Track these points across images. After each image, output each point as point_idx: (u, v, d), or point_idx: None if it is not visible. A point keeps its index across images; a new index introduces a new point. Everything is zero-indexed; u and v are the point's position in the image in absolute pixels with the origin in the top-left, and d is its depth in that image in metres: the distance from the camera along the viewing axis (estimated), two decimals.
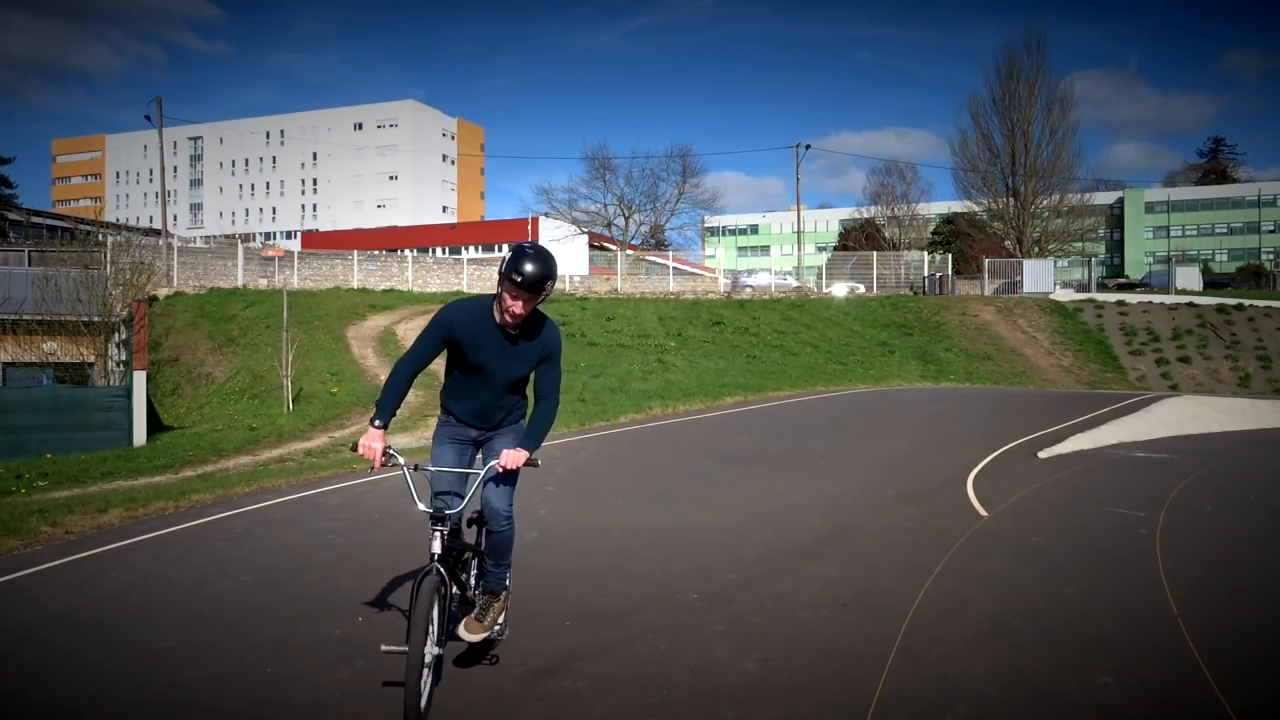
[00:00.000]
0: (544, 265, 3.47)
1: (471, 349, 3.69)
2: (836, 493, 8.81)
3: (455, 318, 3.69)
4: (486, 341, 3.67)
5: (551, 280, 3.52)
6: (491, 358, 3.70)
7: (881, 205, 66.07)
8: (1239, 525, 7.70)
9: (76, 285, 18.44)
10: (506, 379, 3.78)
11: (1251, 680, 4.07)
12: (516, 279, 3.44)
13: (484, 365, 3.72)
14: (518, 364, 3.75)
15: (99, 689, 3.87)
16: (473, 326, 3.67)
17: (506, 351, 3.70)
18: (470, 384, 3.80)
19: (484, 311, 3.67)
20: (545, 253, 3.55)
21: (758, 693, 3.85)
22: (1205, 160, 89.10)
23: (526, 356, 3.74)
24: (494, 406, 3.86)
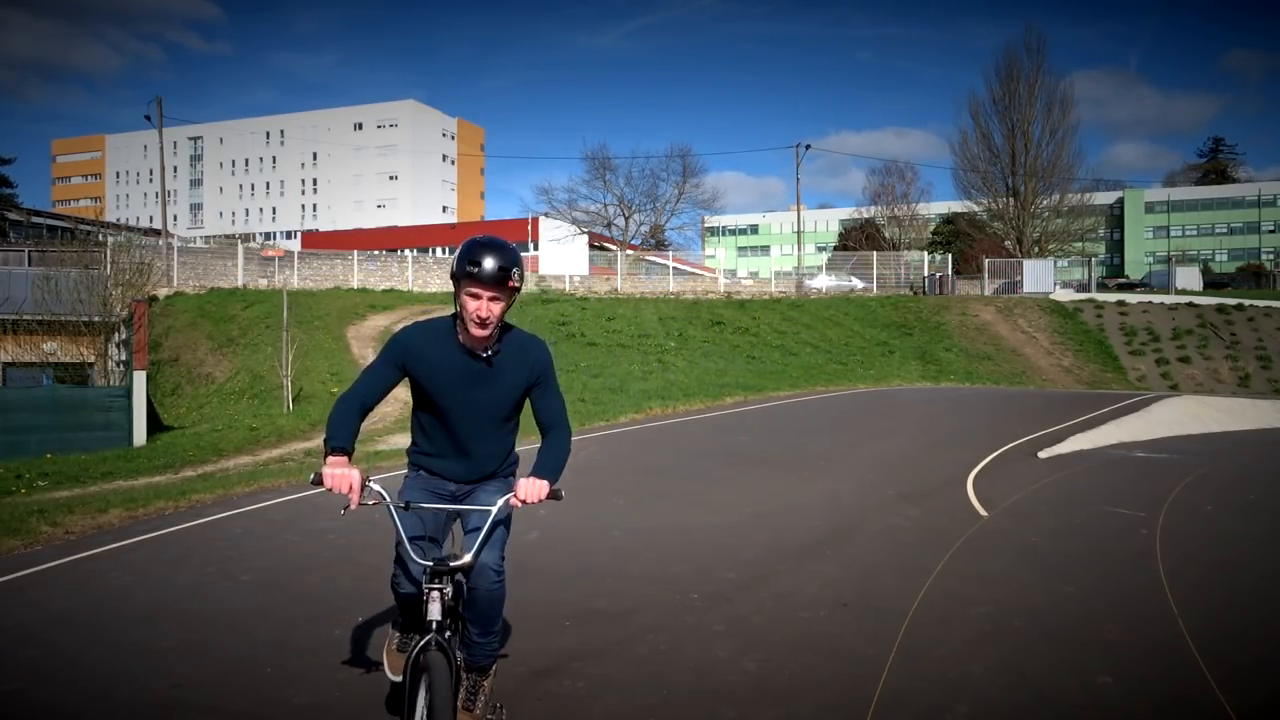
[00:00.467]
0: (503, 251, 2.81)
1: (434, 381, 2.93)
2: (836, 493, 8.81)
3: (411, 339, 2.97)
4: (451, 370, 2.92)
5: (518, 268, 2.82)
6: (461, 389, 2.95)
7: (881, 205, 66.09)
8: (1239, 525, 7.69)
9: (76, 285, 18.45)
10: (485, 415, 3.00)
11: (1251, 680, 4.07)
12: (473, 270, 2.76)
13: (452, 400, 2.96)
14: (496, 394, 2.97)
15: (99, 689, 3.87)
16: (432, 351, 2.93)
17: (480, 379, 2.95)
18: (440, 427, 3.02)
19: (444, 333, 2.94)
20: (500, 239, 2.92)
21: (758, 693, 3.85)
22: (1205, 160, 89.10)
23: (507, 383, 2.97)
24: (474, 455, 3.05)
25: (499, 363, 2.95)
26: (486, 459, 3.08)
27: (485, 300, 2.79)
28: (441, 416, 2.99)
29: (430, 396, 2.96)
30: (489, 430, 3.03)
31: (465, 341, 2.91)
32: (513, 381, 2.98)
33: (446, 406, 2.96)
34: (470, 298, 2.80)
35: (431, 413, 3.01)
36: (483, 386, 2.95)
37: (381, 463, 10.93)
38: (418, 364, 2.93)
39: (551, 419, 3.05)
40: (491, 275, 2.76)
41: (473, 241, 2.83)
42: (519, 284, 2.83)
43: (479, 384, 2.95)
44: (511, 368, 2.96)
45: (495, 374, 2.95)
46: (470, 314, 2.81)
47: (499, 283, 2.77)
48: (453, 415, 2.98)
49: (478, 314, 2.80)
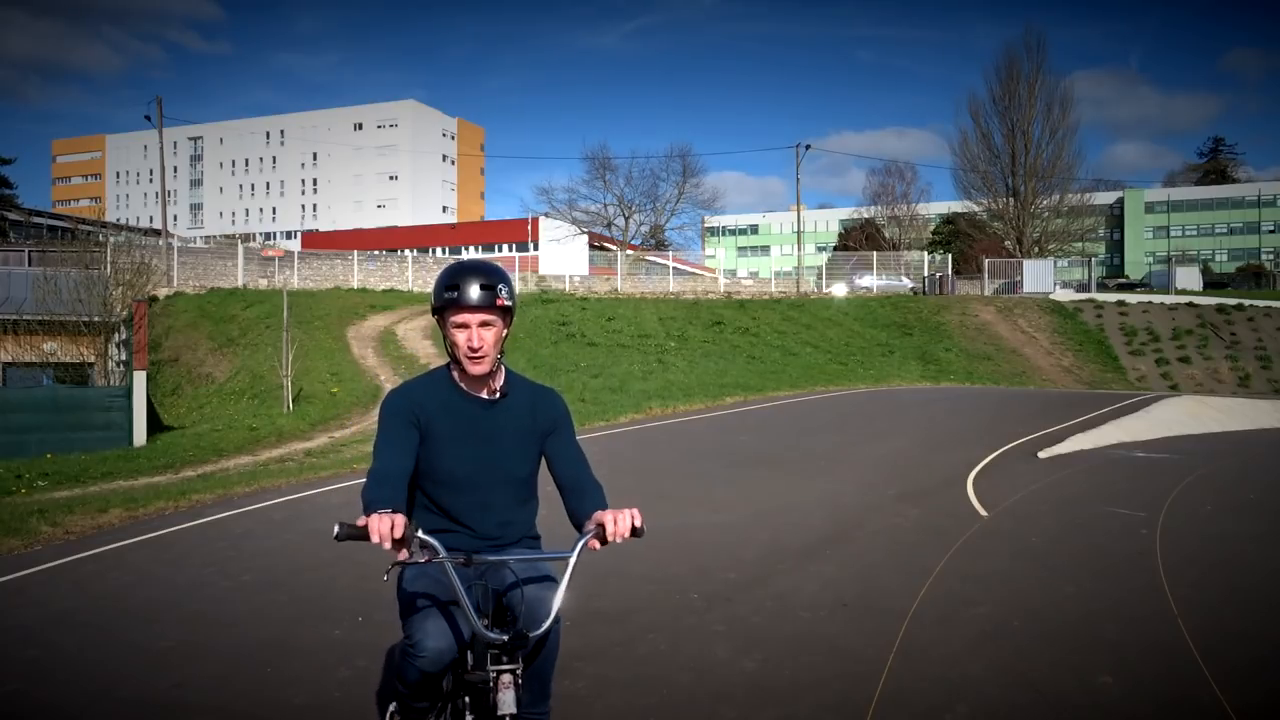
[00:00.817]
0: (483, 269, 2.45)
1: (443, 436, 2.49)
2: (836, 493, 8.81)
3: (407, 390, 2.55)
4: (455, 418, 2.51)
5: (505, 285, 2.45)
6: (469, 440, 2.50)
7: (881, 205, 66.11)
8: (1239, 525, 7.69)
9: (76, 285, 18.44)
10: (499, 471, 2.53)
11: (1251, 680, 4.07)
12: (453, 296, 2.39)
13: (461, 454, 2.50)
14: (510, 441, 2.55)
15: (99, 689, 3.87)
16: (432, 401, 2.51)
17: (489, 425, 2.53)
18: (451, 496, 2.53)
19: (441, 380, 2.56)
20: (479, 260, 2.60)
21: (758, 693, 3.85)
22: (1205, 160, 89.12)
23: (521, 429, 2.56)
24: (491, 523, 2.55)
25: (508, 406, 2.54)
26: (504, 527, 2.57)
27: (475, 328, 2.40)
28: (449, 480, 2.50)
29: (435, 456, 2.48)
30: (505, 491, 2.55)
31: (465, 385, 2.52)
32: (527, 426, 2.56)
33: (453, 465, 2.49)
34: (457, 329, 2.42)
35: (437, 479, 2.51)
36: (493, 433, 2.52)
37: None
38: (426, 416, 2.48)
39: (578, 471, 2.56)
40: (476, 297, 2.38)
41: (448, 267, 2.47)
42: (510, 303, 2.43)
43: (488, 430, 2.52)
44: (523, 412, 2.57)
45: (506, 417, 2.53)
46: (461, 348, 2.42)
47: (486, 304, 2.39)
48: (461, 473, 2.49)
49: (469, 345, 2.41)
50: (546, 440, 2.58)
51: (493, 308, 2.40)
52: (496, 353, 2.47)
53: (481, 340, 2.41)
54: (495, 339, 2.44)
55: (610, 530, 2.28)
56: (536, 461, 2.61)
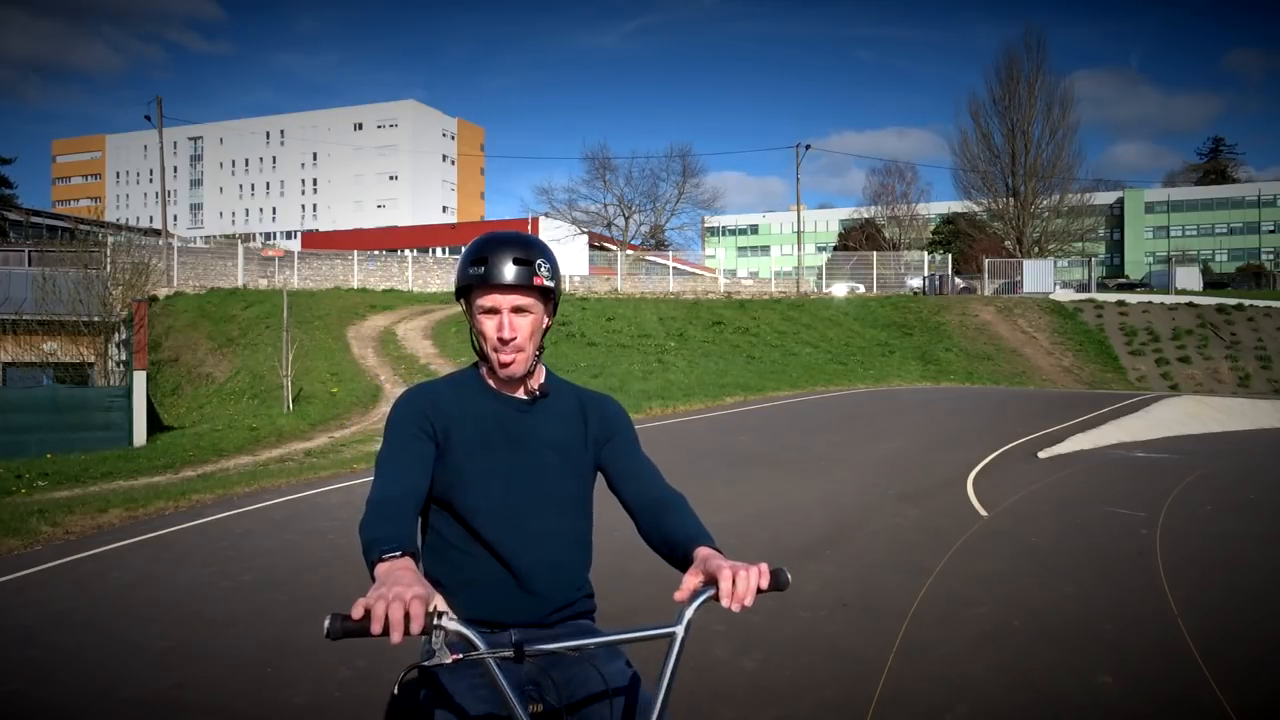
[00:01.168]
0: (520, 241, 1.88)
1: (468, 445, 1.87)
2: (836, 493, 8.81)
3: (423, 390, 1.96)
4: (481, 422, 1.90)
5: (547, 261, 1.88)
6: (507, 451, 1.89)
7: (881, 205, 66.13)
8: (1239, 525, 7.69)
9: (76, 285, 18.44)
10: (546, 490, 1.89)
11: (1251, 680, 4.07)
12: (478, 271, 1.84)
13: (494, 471, 1.86)
14: (557, 456, 1.91)
15: (99, 689, 3.87)
16: (452, 403, 1.91)
17: (530, 435, 1.91)
18: (479, 523, 1.84)
19: (465, 380, 1.98)
20: (515, 231, 2.01)
21: (758, 693, 3.85)
22: (1205, 160, 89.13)
23: (569, 439, 1.94)
24: (535, 570, 1.85)
25: (551, 408, 1.95)
26: (551, 576, 1.85)
27: (506, 313, 1.84)
28: (475, 502, 1.83)
29: (456, 470, 1.85)
30: (550, 516, 1.87)
31: (496, 385, 1.94)
32: (576, 433, 1.95)
33: (481, 479, 1.85)
34: (485, 315, 1.86)
35: (459, 502, 1.84)
36: (531, 440, 1.90)
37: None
38: (447, 421, 1.88)
39: (652, 483, 1.94)
40: (509, 275, 1.82)
41: (477, 239, 1.92)
42: (551, 283, 1.86)
43: (525, 437, 1.90)
44: (570, 415, 1.96)
45: (548, 421, 1.93)
46: (489, 338, 1.86)
47: (521, 283, 1.82)
48: (492, 490, 1.84)
49: (498, 334, 1.84)
50: (603, 450, 1.97)
51: (529, 288, 1.84)
52: (535, 347, 1.90)
53: (514, 329, 1.85)
54: (532, 329, 1.88)
55: (727, 590, 1.53)
56: (590, 479, 1.96)
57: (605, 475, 1.98)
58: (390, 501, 1.72)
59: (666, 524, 1.85)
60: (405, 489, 1.76)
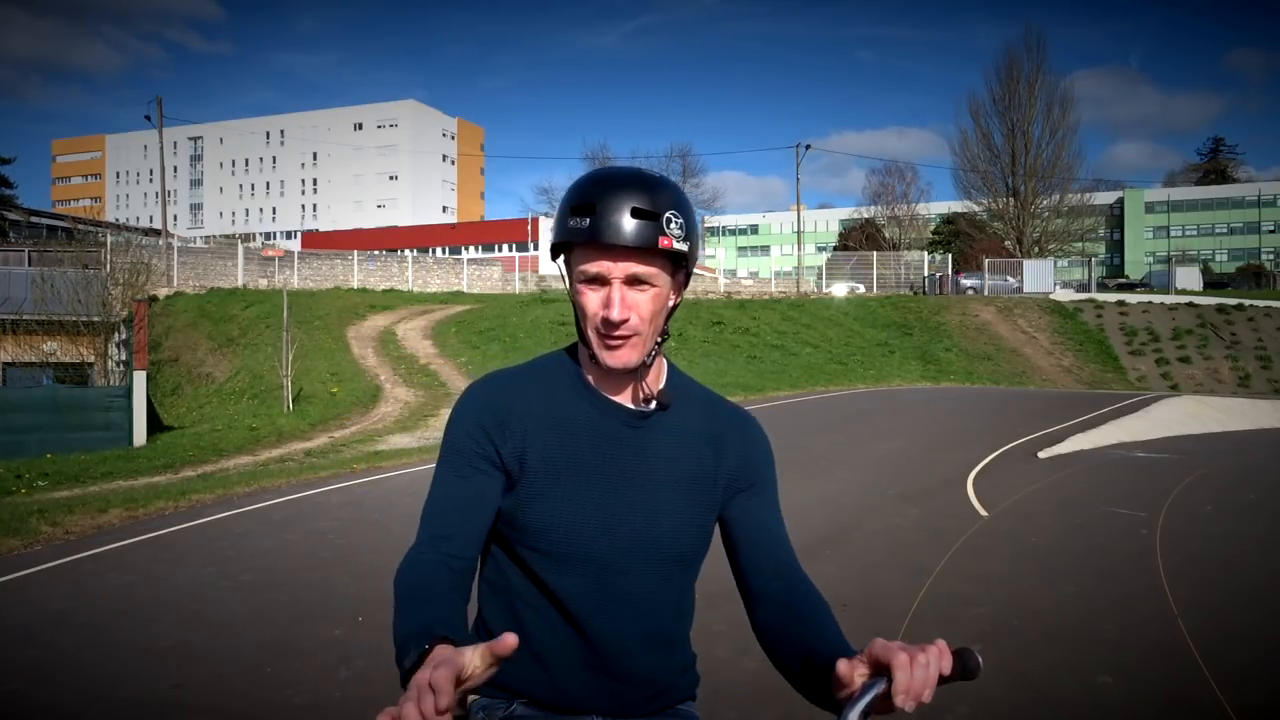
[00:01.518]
0: (640, 182, 1.32)
1: (551, 470, 1.36)
2: (836, 493, 8.81)
3: (500, 394, 1.41)
4: (585, 440, 1.38)
5: (680, 214, 1.31)
6: (605, 482, 1.37)
7: (881, 205, 66.16)
8: (1239, 525, 7.69)
9: (76, 285, 18.45)
10: (652, 541, 1.38)
11: (1251, 680, 4.07)
12: (580, 225, 1.29)
13: (584, 506, 1.35)
14: (673, 496, 1.40)
15: (99, 689, 3.87)
16: (542, 406, 1.39)
17: (639, 463, 1.39)
18: (555, 572, 1.36)
19: (560, 373, 1.44)
20: (633, 169, 1.37)
21: (758, 693, 3.85)
22: (1205, 160, 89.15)
23: (691, 475, 1.42)
24: (626, 644, 1.37)
25: (670, 426, 1.41)
26: (649, 653, 1.39)
27: (617, 285, 1.30)
28: (554, 546, 1.34)
29: (532, 500, 1.34)
30: (653, 575, 1.38)
31: (597, 383, 1.41)
32: (702, 466, 1.41)
33: (564, 518, 1.34)
34: (588, 285, 1.32)
35: (532, 540, 1.35)
36: (640, 470, 1.37)
37: (383, 463, 10.93)
38: (509, 439, 1.36)
39: (787, 558, 1.44)
40: (625, 231, 1.27)
41: (586, 175, 1.36)
42: (685, 245, 1.31)
43: (632, 464, 1.37)
44: (696, 438, 1.42)
45: (665, 445, 1.40)
46: (593, 317, 1.33)
47: (642, 243, 1.27)
48: (578, 533, 1.34)
49: (603, 314, 1.31)
50: (735, 499, 1.44)
51: (653, 251, 1.29)
52: (656, 332, 1.37)
53: (628, 307, 1.31)
54: (654, 308, 1.34)
55: (905, 688, 1.16)
56: (711, 527, 1.45)
57: (724, 530, 1.46)
58: (420, 563, 1.27)
59: (803, 630, 1.32)
60: (458, 539, 1.30)
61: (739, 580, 1.47)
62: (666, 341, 1.42)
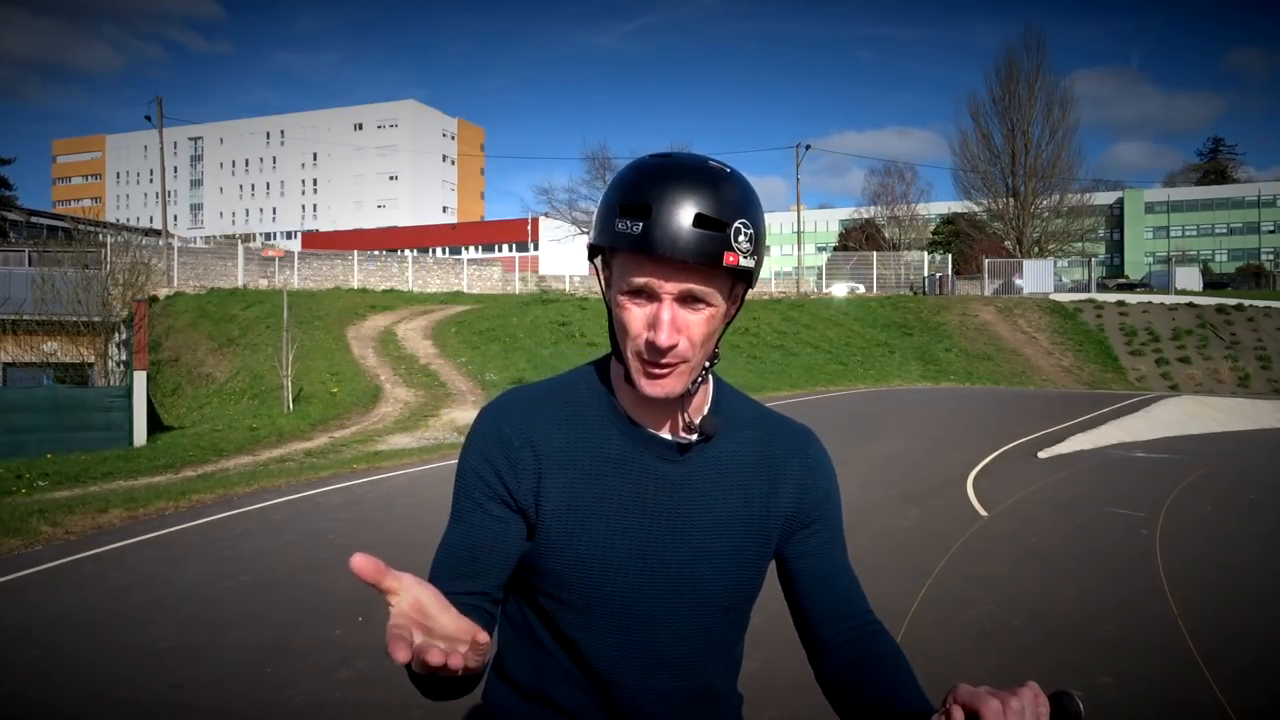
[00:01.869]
0: (705, 180, 1.07)
1: (578, 509, 1.16)
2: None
3: (521, 423, 1.18)
4: (616, 477, 1.17)
5: (750, 221, 1.08)
6: (640, 524, 1.16)
7: (881, 205, 66.16)
8: (1239, 526, 7.69)
9: (76, 286, 18.45)
10: (696, 591, 1.18)
11: (1252, 681, 4.07)
12: (630, 231, 1.04)
13: (615, 552, 1.15)
14: (720, 537, 1.19)
15: (99, 689, 3.87)
16: (569, 436, 1.18)
17: (679, 502, 1.18)
18: (583, 626, 1.17)
19: (591, 396, 1.23)
20: (693, 160, 1.11)
21: (758, 693, 3.84)
22: (1205, 160, 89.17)
23: (742, 514, 1.21)
24: (669, 710, 1.18)
25: (716, 458, 1.22)
26: (689, 711, 1.21)
27: (668, 304, 1.09)
28: (581, 597, 1.17)
29: (556, 545, 1.16)
30: (696, 629, 1.20)
31: (633, 409, 1.21)
32: (751, 498, 1.22)
33: (593, 565, 1.16)
34: (632, 299, 1.11)
35: (556, 590, 1.18)
36: (681, 510, 1.19)
37: (383, 463, 10.93)
38: (523, 477, 1.17)
39: (855, 602, 1.29)
40: (684, 241, 1.04)
41: (638, 164, 1.13)
42: (753, 260, 1.10)
43: (672, 504, 1.19)
44: (746, 467, 1.23)
45: (708, 476, 1.21)
46: (635, 338, 1.12)
47: (704, 256, 1.05)
48: (609, 583, 1.16)
49: (648, 336, 1.10)
50: (793, 538, 1.26)
51: (715, 266, 1.06)
52: (706, 356, 1.15)
53: (678, 330, 1.09)
54: (707, 331, 1.12)
55: None
56: (764, 571, 1.25)
57: (781, 569, 1.28)
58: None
59: (876, 687, 1.17)
60: (461, 601, 1.09)
61: (799, 625, 1.28)
62: (717, 362, 1.19)
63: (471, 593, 1.15)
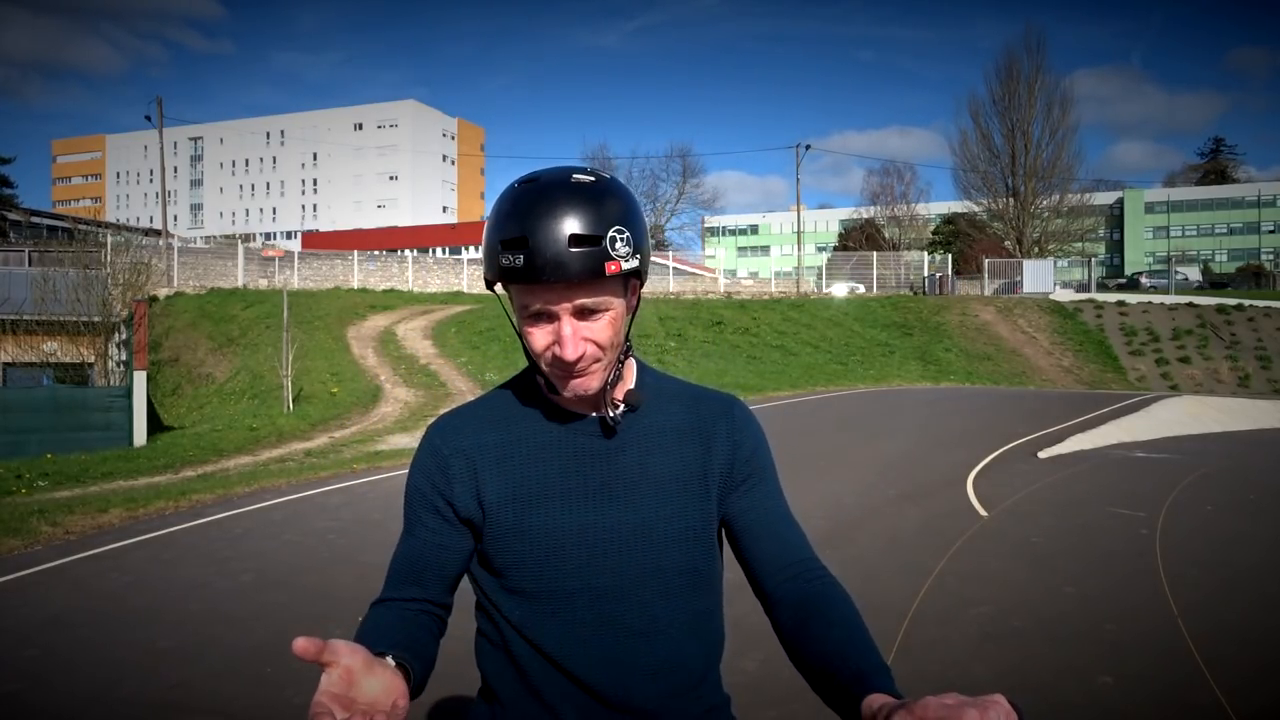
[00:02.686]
0: (569, 199, 1.11)
1: (522, 503, 1.22)
2: (836, 493, 8.81)
3: (455, 436, 1.27)
4: (555, 460, 1.24)
5: (627, 226, 1.13)
6: (583, 500, 1.22)
7: (881, 205, 66.17)
8: (1239, 525, 7.69)
9: (76, 286, 18.45)
10: (650, 556, 1.23)
11: (1252, 680, 4.07)
12: (513, 263, 1.10)
13: (564, 530, 1.21)
14: (663, 500, 1.24)
15: (99, 689, 3.87)
16: (504, 435, 1.26)
17: (617, 473, 1.24)
18: (541, 613, 1.21)
19: (515, 399, 1.30)
20: (558, 173, 1.16)
21: (758, 693, 3.85)
22: (1205, 160, 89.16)
23: (679, 475, 1.26)
24: (639, 686, 1.20)
25: (647, 427, 1.27)
26: (661, 690, 1.22)
27: (566, 319, 1.14)
28: (534, 602, 1.21)
29: (506, 536, 1.21)
30: (654, 606, 1.22)
31: (560, 401, 1.26)
32: (688, 458, 1.27)
33: (543, 545, 1.21)
34: (533, 323, 1.17)
35: (506, 601, 1.23)
36: (617, 484, 1.23)
37: (383, 463, 10.93)
38: (459, 486, 1.23)
39: (800, 551, 1.33)
40: (565, 264, 1.09)
41: (509, 193, 1.16)
42: (636, 262, 1.14)
43: (607, 480, 1.23)
44: (677, 431, 1.28)
45: (640, 445, 1.26)
46: (543, 356, 1.18)
47: (586, 274, 1.10)
48: (562, 560, 1.20)
49: (555, 353, 1.16)
50: (731, 496, 1.30)
51: (597, 277, 1.11)
52: (619, 350, 1.21)
53: (581, 342, 1.15)
54: (612, 332, 1.18)
55: None
56: (712, 536, 1.31)
57: (729, 533, 1.33)
58: (379, 609, 1.29)
59: (826, 637, 1.16)
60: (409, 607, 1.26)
61: (753, 585, 1.34)
62: (630, 350, 1.28)
63: (417, 599, 1.26)
